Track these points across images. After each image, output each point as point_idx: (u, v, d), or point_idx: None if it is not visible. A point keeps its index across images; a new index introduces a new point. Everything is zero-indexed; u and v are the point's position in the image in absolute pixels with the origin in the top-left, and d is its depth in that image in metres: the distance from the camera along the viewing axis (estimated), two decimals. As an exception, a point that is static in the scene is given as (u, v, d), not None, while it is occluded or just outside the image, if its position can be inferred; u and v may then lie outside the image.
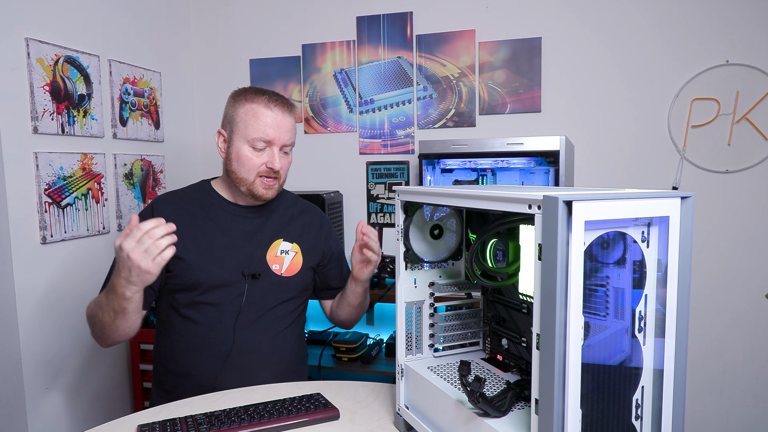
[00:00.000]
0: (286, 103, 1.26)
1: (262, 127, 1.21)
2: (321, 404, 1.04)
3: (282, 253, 1.30)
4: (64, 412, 1.75)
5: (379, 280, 2.06)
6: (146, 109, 2.14)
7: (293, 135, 1.27)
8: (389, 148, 2.29)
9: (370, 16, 2.26)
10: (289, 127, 1.25)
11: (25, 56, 1.59)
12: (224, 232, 1.27)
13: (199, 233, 1.25)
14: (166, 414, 1.05)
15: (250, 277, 1.24)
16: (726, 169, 1.97)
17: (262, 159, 1.23)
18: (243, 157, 1.22)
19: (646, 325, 0.67)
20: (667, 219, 0.65)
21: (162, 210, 1.26)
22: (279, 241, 1.31)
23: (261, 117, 1.21)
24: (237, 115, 1.24)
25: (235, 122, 1.24)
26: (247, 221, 1.30)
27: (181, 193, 1.33)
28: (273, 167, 1.22)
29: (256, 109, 1.22)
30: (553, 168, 1.71)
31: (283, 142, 1.23)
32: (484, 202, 0.72)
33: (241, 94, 1.26)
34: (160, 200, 1.30)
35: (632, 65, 2.03)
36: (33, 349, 1.63)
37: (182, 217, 1.26)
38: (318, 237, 1.39)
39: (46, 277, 1.68)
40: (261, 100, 1.23)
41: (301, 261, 1.32)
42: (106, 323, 1.11)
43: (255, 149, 1.22)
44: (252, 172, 1.23)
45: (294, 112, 1.29)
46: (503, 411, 0.75)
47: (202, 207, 1.29)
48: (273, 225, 1.32)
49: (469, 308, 1.03)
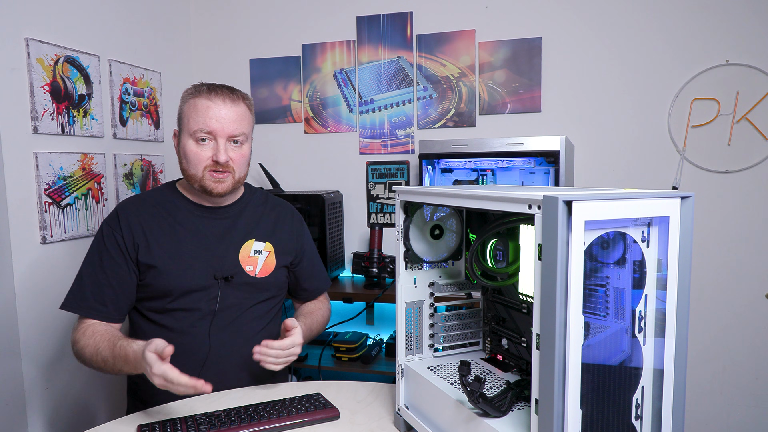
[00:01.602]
0: (231, 93, 1.21)
1: (203, 119, 1.17)
2: (321, 404, 1.04)
3: (255, 254, 1.28)
4: (64, 412, 1.75)
5: (379, 280, 2.06)
6: (146, 109, 2.14)
7: (243, 125, 1.21)
8: (389, 148, 2.29)
9: (370, 16, 2.26)
10: (234, 117, 1.19)
11: (25, 56, 1.59)
12: (193, 235, 1.24)
13: (166, 238, 1.22)
14: (166, 414, 1.05)
15: (222, 280, 1.22)
16: (726, 169, 1.97)
17: (207, 152, 1.19)
18: (189, 152, 1.20)
19: (646, 325, 0.67)
20: (667, 219, 0.65)
21: (128, 216, 1.23)
22: (251, 241, 1.28)
23: (201, 109, 1.18)
24: (182, 111, 1.22)
25: (181, 119, 1.22)
26: (216, 222, 1.27)
27: (146, 197, 1.29)
28: (218, 159, 1.18)
29: (197, 102, 1.19)
30: (553, 168, 1.71)
31: (228, 132, 1.19)
32: (484, 202, 0.72)
33: (188, 90, 1.23)
34: (125, 206, 1.26)
35: (632, 65, 2.03)
36: (33, 349, 1.63)
37: (148, 222, 1.23)
38: (291, 234, 1.36)
39: (46, 277, 1.68)
40: (202, 93, 1.19)
41: (275, 260, 1.30)
42: (106, 371, 1.13)
43: (199, 143, 1.19)
44: (199, 166, 1.20)
45: (245, 101, 1.24)
46: (503, 411, 0.75)
47: (168, 210, 1.26)
48: (244, 225, 1.29)
49: (469, 308, 1.03)
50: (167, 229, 1.23)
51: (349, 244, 2.35)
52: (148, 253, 1.20)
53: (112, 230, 1.21)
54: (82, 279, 1.21)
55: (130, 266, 1.20)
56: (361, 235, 2.35)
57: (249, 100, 1.27)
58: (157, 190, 1.32)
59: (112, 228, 1.22)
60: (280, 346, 1.11)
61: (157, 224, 1.23)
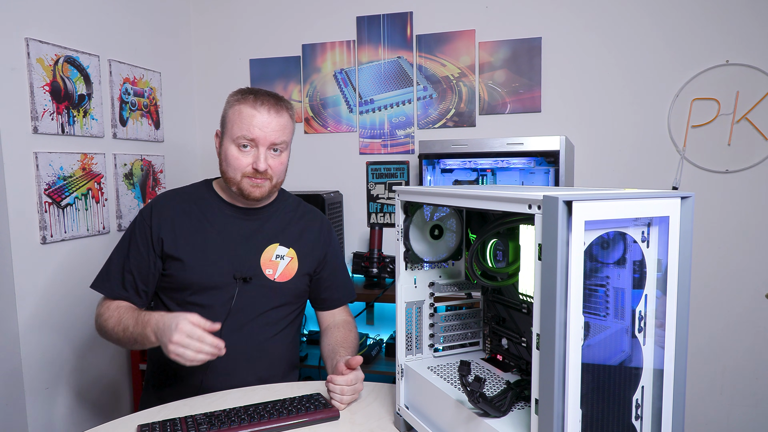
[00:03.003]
0: (276, 102, 1.23)
1: (247, 126, 1.19)
2: (321, 404, 1.04)
3: (277, 258, 1.28)
4: (64, 412, 1.75)
5: (379, 280, 2.06)
6: (146, 109, 2.14)
7: (284, 134, 1.24)
8: (389, 148, 2.29)
9: (370, 16, 2.26)
10: (276, 127, 1.21)
11: (25, 56, 1.59)
12: (220, 233, 1.26)
13: (194, 233, 1.25)
14: (166, 414, 1.05)
15: (241, 280, 1.23)
16: (726, 169, 1.97)
17: (248, 159, 1.21)
18: (230, 156, 1.22)
19: (646, 325, 0.67)
20: (667, 219, 0.65)
21: (161, 209, 1.26)
22: (275, 245, 1.29)
23: (246, 116, 1.20)
24: (227, 115, 1.24)
25: (225, 123, 1.24)
26: (244, 223, 1.29)
27: (182, 191, 1.33)
28: (257, 167, 1.20)
29: (243, 108, 1.20)
30: (553, 168, 1.71)
31: (270, 141, 1.21)
32: (484, 202, 0.72)
33: (234, 95, 1.25)
34: (160, 198, 1.30)
35: (632, 65, 2.03)
36: (33, 349, 1.63)
37: (179, 216, 1.26)
38: (316, 242, 1.36)
39: (46, 277, 1.68)
40: (248, 100, 1.21)
41: (297, 266, 1.30)
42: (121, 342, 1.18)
43: (241, 149, 1.21)
44: (238, 172, 1.22)
45: (288, 110, 1.26)
46: (503, 411, 0.75)
47: (200, 207, 1.29)
48: (270, 228, 1.31)
49: (469, 308, 1.03)
50: (197, 224, 1.26)
51: (349, 244, 2.35)
52: (174, 246, 1.23)
53: (143, 221, 1.26)
54: (111, 262, 1.26)
55: (153, 258, 1.24)
56: (361, 235, 2.35)
57: (292, 109, 1.29)
58: (194, 186, 1.36)
59: (144, 219, 1.26)
60: (345, 381, 1.07)
61: (187, 219, 1.26)
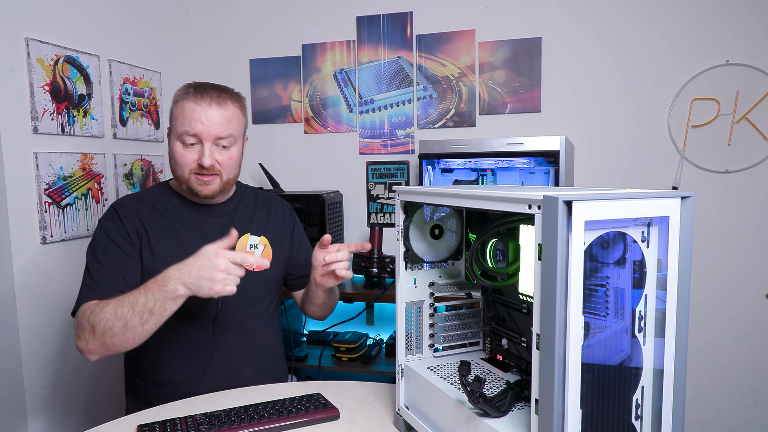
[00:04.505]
0: (218, 94, 1.18)
1: (188, 122, 1.15)
2: (321, 404, 1.04)
3: (251, 248, 1.27)
4: (64, 412, 1.75)
5: (379, 280, 2.06)
6: (146, 109, 2.14)
7: (230, 127, 1.18)
8: (389, 148, 2.29)
9: (370, 16, 2.26)
10: (220, 120, 1.16)
11: (25, 56, 1.59)
12: (191, 233, 1.23)
13: (167, 236, 1.21)
14: (166, 414, 1.05)
15: None
16: (726, 169, 1.97)
17: (193, 155, 1.17)
18: (176, 153, 1.18)
19: (646, 325, 0.67)
20: (667, 219, 0.65)
21: (126, 211, 1.21)
22: (246, 236, 1.28)
23: (188, 111, 1.15)
24: (172, 112, 1.20)
25: (171, 119, 1.21)
26: (216, 219, 1.27)
27: (141, 195, 1.28)
28: (202, 163, 1.15)
29: (185, 104, 1.16)
30: (553, 168, 1.71)
31: (215, 135, 1.16)
32: (484, 202, 0.72)
33: (178, 90, 1.21)
34: (122, 202, 1.24)
35: (632, 65, 2.03)
36: (33, 349, 1.63)
37: (147, 219, 1.21)
38: (284, 226, 1.37)
39: (45, 277, 1.68)
40: (189, 94, 1.17)
41: (271, 253, 1.30)
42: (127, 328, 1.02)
43: (185, 145, 1.16)
44: (185, 169, 1.18)
45: (235, 102, 1.20)
46: (503, 411, 0.75)
47: (165, 209, 1.25)
48: (238, 220, 1.29)
49: (469, 308, 1.03)
50: (167, 226, 1.23)
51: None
52: (149, 252, 1.19)
53: (113, 223, 1.19)
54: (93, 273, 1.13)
55: (135, 256, 1.17)
56: (361, 235, 2.35)
57: (240, 100, 1.23)
58: (151, 189, 1.31)
59: (112, 221, 1.19)
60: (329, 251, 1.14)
61: (156, 222, 1.22)
